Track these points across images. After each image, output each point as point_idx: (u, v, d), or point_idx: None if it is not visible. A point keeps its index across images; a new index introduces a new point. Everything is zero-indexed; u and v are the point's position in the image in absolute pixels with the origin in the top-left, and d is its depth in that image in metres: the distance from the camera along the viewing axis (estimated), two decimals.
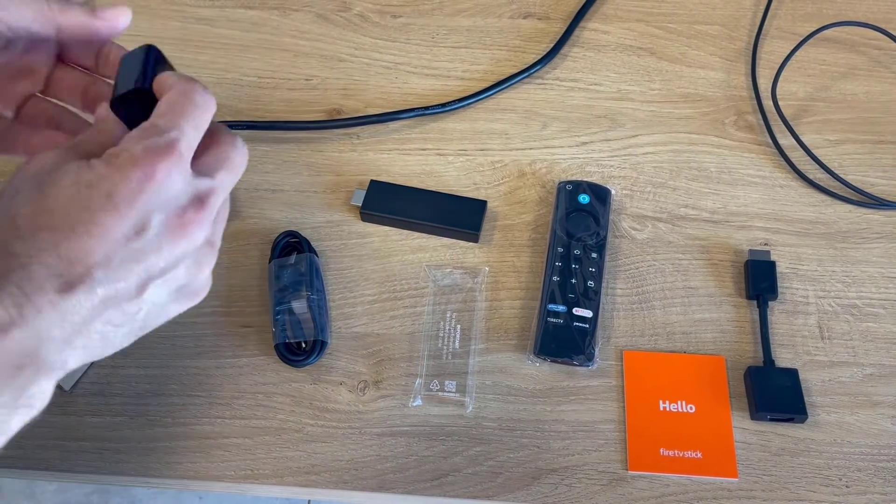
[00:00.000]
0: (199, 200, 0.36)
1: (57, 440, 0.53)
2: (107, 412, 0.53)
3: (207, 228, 0.36)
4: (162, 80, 0.39)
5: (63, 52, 0.43)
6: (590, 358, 0.54)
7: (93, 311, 0.34)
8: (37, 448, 0.52)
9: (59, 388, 0.45)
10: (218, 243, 0.38)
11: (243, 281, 0.58)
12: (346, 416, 0.53)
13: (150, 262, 0.34)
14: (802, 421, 0.52)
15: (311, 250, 0.58)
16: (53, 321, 0.33)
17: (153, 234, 0.34)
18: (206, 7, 0.75)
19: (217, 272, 0.59)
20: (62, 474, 0.52)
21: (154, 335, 0.38)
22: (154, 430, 0.53)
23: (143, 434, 0.52)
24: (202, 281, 0.38)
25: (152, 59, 0.40)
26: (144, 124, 0.36)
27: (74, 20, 0.38)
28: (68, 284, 0.33)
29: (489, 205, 0.61)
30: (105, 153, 0.34)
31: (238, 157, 0.37)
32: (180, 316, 0.56)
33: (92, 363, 0.54)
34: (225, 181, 0.37)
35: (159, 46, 0.40)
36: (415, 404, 0.53)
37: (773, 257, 0.58)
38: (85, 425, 0.53)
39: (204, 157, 0.37)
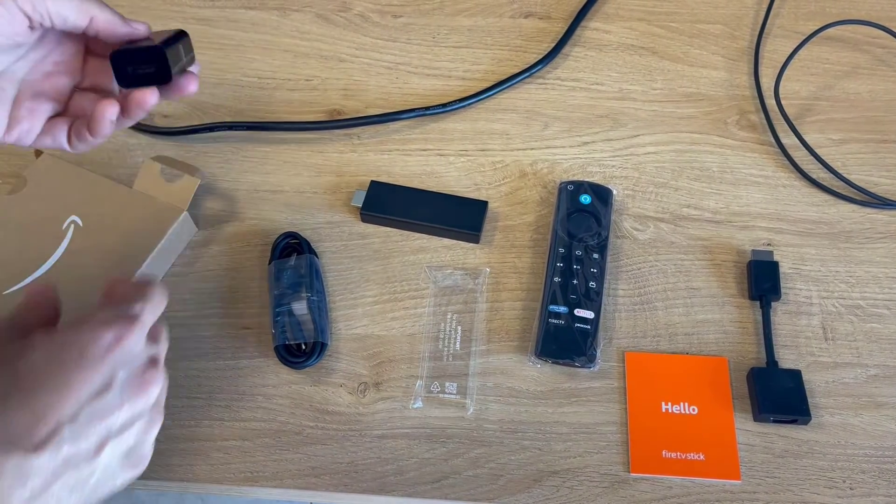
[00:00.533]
0: (154, 361, 0.41)
1: None
2: None
3: (160, 386, 0.41)
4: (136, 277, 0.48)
5: (90, 45, 0.47)
6: (591, 359, 0.53)
7: (55, 472, 0.35)
8: None
9: None
10: (162, 407, 0.43)
11: (243, 282, 0.58)
12: (347, 419, 0.53)
13: (111, 419, 0.38)
14: (806, 422, 0.52)
15: (312, 251, 0.58)
16: (16, 484, 0.34)
17: (116, 391, 0.38)
18: (206, 7, 0.75)
19: (217, 273, 0.59)
20: None
21: None
22: None
23: None
24: (148, 446, 0.42)
25: (179, 37, 0.47)
26: (112, 304, 0.41)
27: (106, 17, 0.44)
28: (39, 442, 0.35)
29: (490, 205, 0.61)
30: (74, 319, 0.39)
31: (165, 332, 0.44)
32: (180, 317, 0.56)
33: None
34: (163, 349, 0.43)
35: None
36: (415, 406, 0.53)
37: (775, 257, 0.58)
38: None
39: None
